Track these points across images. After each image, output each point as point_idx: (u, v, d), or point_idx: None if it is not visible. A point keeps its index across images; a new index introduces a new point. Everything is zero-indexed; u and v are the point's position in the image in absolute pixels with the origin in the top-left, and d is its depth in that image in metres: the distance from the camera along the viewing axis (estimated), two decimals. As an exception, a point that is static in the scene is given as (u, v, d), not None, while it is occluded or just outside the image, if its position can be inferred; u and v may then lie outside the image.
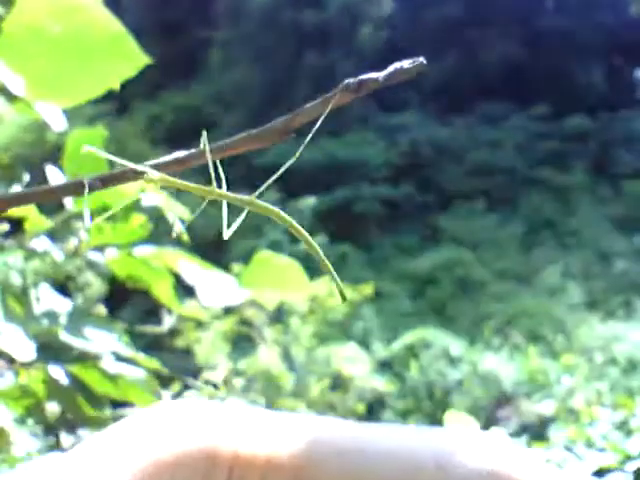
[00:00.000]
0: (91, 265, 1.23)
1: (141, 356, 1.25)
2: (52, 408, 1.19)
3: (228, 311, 7.26)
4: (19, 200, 0.41)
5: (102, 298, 1.39)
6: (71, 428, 1.26)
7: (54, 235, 1.22)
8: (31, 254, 1.19)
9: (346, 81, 0.45)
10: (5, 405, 1.08)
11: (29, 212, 1.12)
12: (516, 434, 5.74)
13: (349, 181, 14.40)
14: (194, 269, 1.22)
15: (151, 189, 1.22)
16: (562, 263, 12.10)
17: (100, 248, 1.23)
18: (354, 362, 7.52)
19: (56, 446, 1.31)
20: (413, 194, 14.89)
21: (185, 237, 1.24)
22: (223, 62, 17.27)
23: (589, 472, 2.58)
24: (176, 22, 17.26)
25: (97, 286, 1.34)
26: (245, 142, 0.44)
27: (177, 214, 1.21)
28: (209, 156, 0.46)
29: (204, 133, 0.48)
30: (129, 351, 1.24)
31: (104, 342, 1.17)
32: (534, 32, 17.92)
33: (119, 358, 1.22)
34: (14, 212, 1.07)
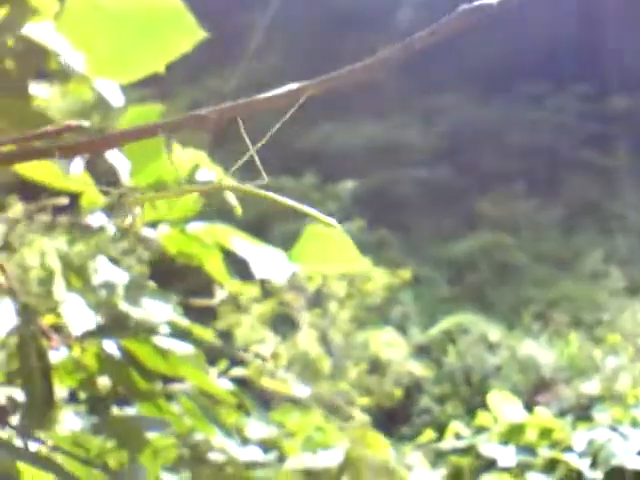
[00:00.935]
0: (144, 241, 1.24)
1: (197, 327, 1.28)
2: (104, 382, 1.21)
3: (267, 294, 7.32)
4: (124, 137, 0.42)
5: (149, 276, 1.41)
6: (120, 403, 1.28)
7: (109, 211, 1.23)
8: (86, 231, 1.21)
9: (462, 7, 0.44)
10: (58, 379, 1.10)
11: (86, 187, 1.12)
12: (559, 415, 5.67)
13: (388, 164, 14.34)
14: (246, 244, 1.21)
15: (206, 164, 1.23)
16: (604, 247, 11.92)
17: (153, 224, 1.23)
18: (391, 347, 7.53)
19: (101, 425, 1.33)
20: (452, 177, 14.77)
21: (239, 211, 1.24)
22: (263, 46, 17.28)
23: (634, 451, 2.57)
24: (216, 6, 17.30)
25: (148, 262, 1.35)
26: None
27: (230, 190, 1.21)
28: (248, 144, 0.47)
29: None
30: (184, 321, 1.27)
31: (161, 312, 1.20)
32: (576, 10, 17.57)
33: (174, 331, 1.24)
34: (72, 186, 1.09)
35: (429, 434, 2.98)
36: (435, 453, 2.94)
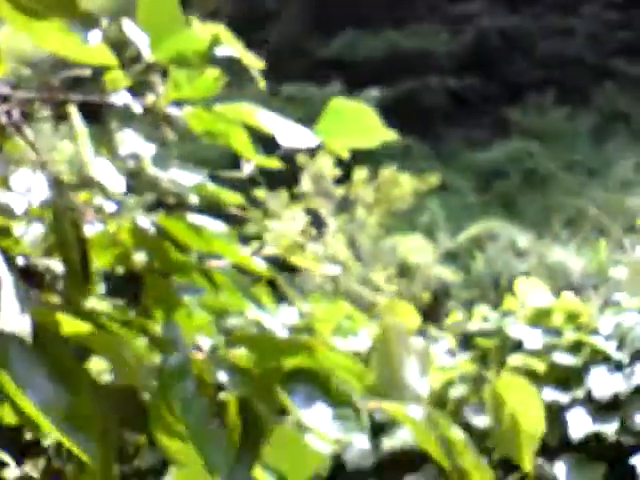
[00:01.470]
0: (169, 121, 1.23)
1: (226, 192, 1.28)
2: (139, 258, 1.21)
3: (294, 199, 7.30)
4: None
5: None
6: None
7: (132, 90, 1.22)
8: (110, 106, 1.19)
9: None
10: (94, 254, 1.10)
11: (107, 61, 1.10)
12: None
13: (414, 73, 14.04)
14: (272, 117, 1.19)
15: (227, 39, 1.19)
16: (635, 156, 11.72)
17: (177, 103, 1.20)
18: (419, 252, 7.51)
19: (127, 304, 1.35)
20: (480, 86, 14.48)
21: (262, 84, 1.23)
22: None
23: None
24: None
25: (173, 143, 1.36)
26: None
27: (253, 64, 1.21)
28: None
29: None
30: (214, 187, 1.26)
31: (190, 178, 1.19)
32: None
33: (203, 200, 1.24)
34: (93, 58, 1.05)
35: (455, 316, 2.98)
36: (462, 335, 2.94)
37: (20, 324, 0.59)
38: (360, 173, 7.64)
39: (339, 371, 0.95)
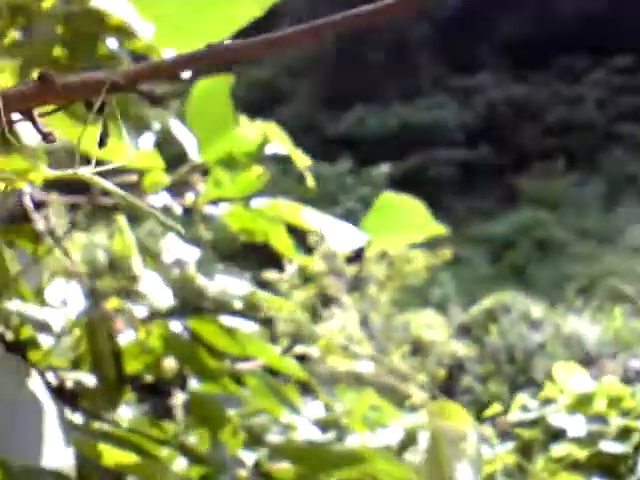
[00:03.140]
0: (206, 219, 1.19)
1: (275, 298, 1.25)
2: (169, 364, 1.19)
3: (307, 280, 7.36)
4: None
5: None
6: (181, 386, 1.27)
7: (172, 189, 1.18)
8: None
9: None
10: (125, 363, 1.07)
11: (153, 164, 1.07)
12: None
13: (423, 146, 14.26)
14: (318, 216, 1.17)
15: (276, 136, 1.18)
16: (646, 221, 11.72)
17: (216, 202, 1.19)
18: (432, 328, 7.53)
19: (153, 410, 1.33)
20: (489, 156, 14.64)
21: (311, 183, 1.20)
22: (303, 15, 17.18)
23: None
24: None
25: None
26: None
27: (301, 161, 1.19)
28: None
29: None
30: (263, 293, 1.22)
31: (237, 286, 1.17)
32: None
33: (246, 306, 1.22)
34: (145, 164, 1.06)
35: (495, 408, 2.98)
36: (500, 426, 2.94)
37: (64, 459, 0.55)
38: (371, 251, 7.71)
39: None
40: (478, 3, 16.23)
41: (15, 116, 0.39)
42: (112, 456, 0.80)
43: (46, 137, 0.39)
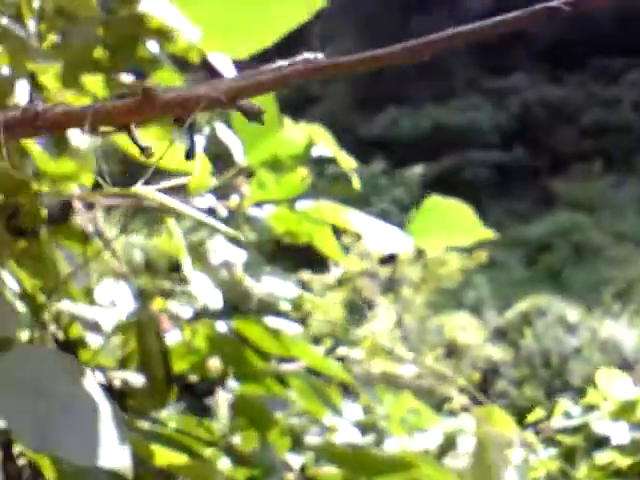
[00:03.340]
0: (250, 221, 1.19)
1: (323, 302, 1.24)
2: (214, 364, 1.20)
3: (341, 282, 7.35)
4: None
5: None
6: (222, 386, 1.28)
7: (217, 192, 1.18)
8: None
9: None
10: (171, 363, 1.07)
11: (208, 170, 1.07)
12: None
13: (457, 148, 14.18)
14: (362, 218, 1.16)
15: (321, 138, 1.20)
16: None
17: (260, 204, 1.19)
18: (466, 331, 7.48)
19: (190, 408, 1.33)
20: (524, 158, 14.51)
21: (357, 185, 1.21)
22: (325, 33, 17.27)
23: None
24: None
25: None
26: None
27: (347, 163, 1.19)
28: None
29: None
30: (310, 296, 1.23)
31: (284, 288, 1.17)
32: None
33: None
34: (185, 167, 1.06)
35: (537, 413, 2.93)
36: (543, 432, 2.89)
37: (121, 459, 0.54)
38: (406, 252, 7.68)
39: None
40: (511, 5, 16.11)
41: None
42: (163, 456, 0.79)
43: (144, 151, 0.39)
